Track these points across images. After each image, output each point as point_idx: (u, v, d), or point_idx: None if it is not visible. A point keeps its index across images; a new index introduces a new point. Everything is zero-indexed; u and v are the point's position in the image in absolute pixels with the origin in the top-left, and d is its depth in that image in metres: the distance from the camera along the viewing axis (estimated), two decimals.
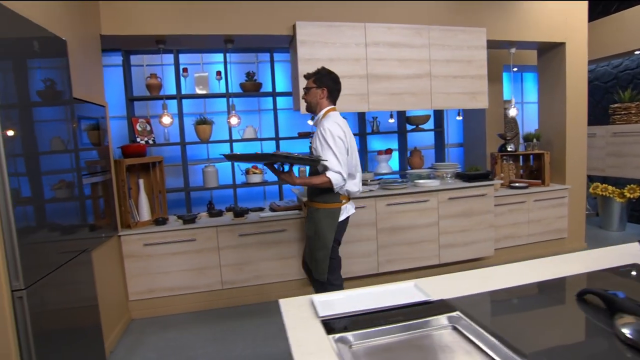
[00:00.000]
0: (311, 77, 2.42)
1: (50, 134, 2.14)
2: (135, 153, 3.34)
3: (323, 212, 2.33)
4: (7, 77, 1.77)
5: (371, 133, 4.77)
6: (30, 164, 1.90)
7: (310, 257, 2.39)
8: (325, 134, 2.26)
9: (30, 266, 1.83)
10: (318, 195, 2.35)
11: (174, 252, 3.24)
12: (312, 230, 2.35)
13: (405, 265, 3.62)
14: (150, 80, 4.10)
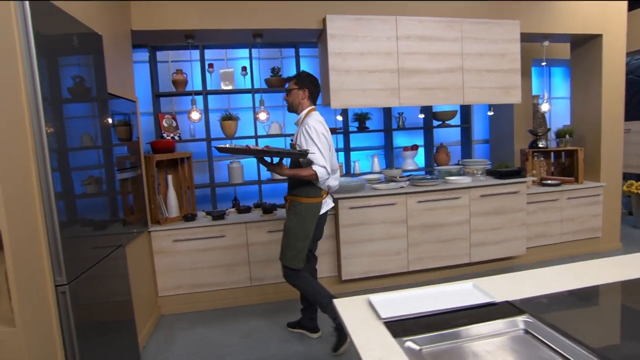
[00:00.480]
0: (292, 79, 2.62)
1: (87, 129, 2.14)
2: (164, 149, 3.33)
3: (306, 205, 2.51)
4: (50, 72, 1.76)
5: (397, 129, 4.69)
6: (69, 159, 1.89)
7: (286, 247, 2.52)
8: (310, 131, 2.42)
9: (72, 261, 1.83)
10: (300, 189, 2.51)
11: (203, 249, 3.22)
12: (294, 222, 2.50)
13: (436, 263, 3.55)
14: (176, 76, 4.09)
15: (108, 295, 2.19)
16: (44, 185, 1.72)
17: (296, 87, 2.59)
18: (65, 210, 1.80)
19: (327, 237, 3.39)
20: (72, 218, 1.86)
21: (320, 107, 4.67)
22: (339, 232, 3.33)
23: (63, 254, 1.76)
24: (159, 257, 3.17)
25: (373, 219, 3.36)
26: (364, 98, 3.41)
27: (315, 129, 2.44)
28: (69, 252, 1.80)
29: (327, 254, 3.40)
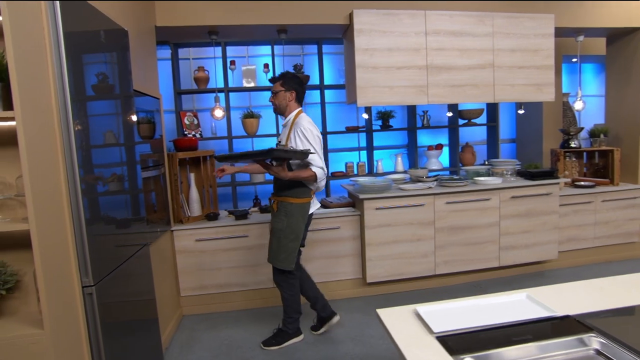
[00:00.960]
0: (278, 80, 2.57)
1: (112, 126, 2.09)
2: (187, 147, 3.29)
3: (296, 206, 2.51)
4: (78, 69, 1.71)
5: (421, 127, 4.57)
6: (94, 157, 1.85)
7: (277, 249, 2.51)
8: (307, 133, 2.44)
9: (98, 262, 1.79)
10: (290, 190, 2.51)
11: (225, 249, 3.17)
12: (284, 223, 2.50)
13: (464, 267, 3.43)
14: (198, 74, 4.05)
15: (132, 295, 2.15)
16: (71, 184, 1.67)
17: (283, 88, 2.55)
18: (91, 209, 1.76)
19: (351, 239, 3.31)
20: (98, 217, 1.82)
21: (344, 104, 4.61)
22: (364, 234, 3.24)
23: (90, 255, 1.72)
24: (181, 256, 3.13)
25: (399, 220, 3.26)
26: (392, 96, 3.31)
27: (311, 131, 2.46)
28: (95, 252, 1.75)
29: (351, 256, 3.32)
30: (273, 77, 2.66)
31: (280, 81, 2.58)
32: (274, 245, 2.55)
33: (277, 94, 2.58)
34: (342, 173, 4.39)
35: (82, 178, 1.69)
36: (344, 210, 3.32)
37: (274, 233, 2.54)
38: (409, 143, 4.78)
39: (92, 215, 1.76)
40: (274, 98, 2.60)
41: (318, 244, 3.25)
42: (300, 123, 2.49)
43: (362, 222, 3.25)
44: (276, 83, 2.59)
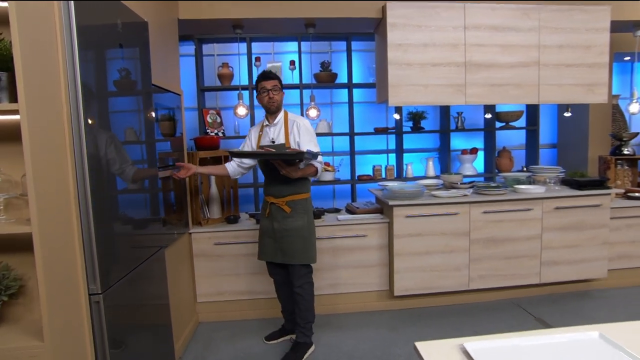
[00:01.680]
0: (276, 78, 2.56)
1: (129, 123, 1.99)
2: (208, 145, 3.18)
3: (308, 200, 2.58)
4: (91, 62, 1.61)
5: (455, 130, 4.33)
6: (108, 155, 1.74)
7: (304, 247, 2.50)
8: (309, 129, 2.53)
9: (107, 267, 1.67)
10: (302, 185, 2.52)
11: (245, 254, 3.04)
12: (305, 220, 2.51)
13: (500, 282, 3.18)
14: (222, 70, 3.96)
15: (145, 302, 2.04)
16: (80, 183, 1.57)
17: (280, 86, 2.56)
18: (101, 210, 1.64)
19: (378, 248, 3.12)
20: (108, 219, 1.71)
21: (372, 104, 4.42)
22: (392, 243, 3.05)
23: (98, 260, 1.61)
24: (199, 260, 3.03)
25: (431, 230, 3.05)
26: (426, 95, 3.11)
27: (310, 127, 2.56)
28: (104, 257, 1.64)
29: (377, 266, 3.13)
30: (270, 72, 2.58)
31: (277, 80, 2.56)
32: (298, 246, 2.48)
33: (279, 91, 2.55)
34: (369, 177, 4.20)
35: (91, 177, 1.58)
36: (371, 217, 3.14)
37: (296, 233, 2.48)
38: (441, 146, 4.55)
39: (102, 216, 1.65)
40: (277, 94, 2.53)
41: (342, 253, 3.08)
42: (299, 120, 2.54)
43: (391, 230, 3.05)
44: (275, 80, 2.55)
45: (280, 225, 2.51)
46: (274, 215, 2.53)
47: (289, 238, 2.49)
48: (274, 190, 2.54)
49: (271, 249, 2.57)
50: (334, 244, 3.07)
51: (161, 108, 2.54)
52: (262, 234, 2.62)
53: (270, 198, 2.55)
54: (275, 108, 2.53)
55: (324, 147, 4.40)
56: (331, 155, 4.47)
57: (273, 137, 2.55)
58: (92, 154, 1.60)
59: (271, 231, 2.56)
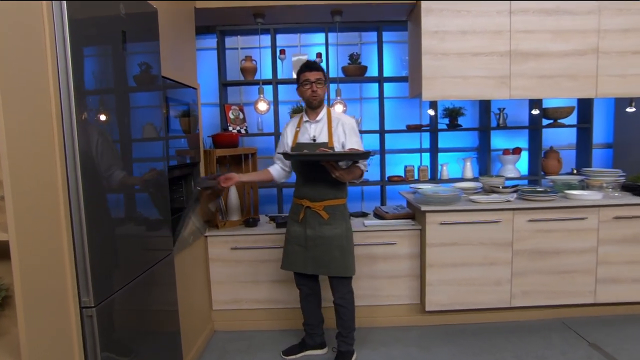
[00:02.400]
0: (320, 69, 2.35)
1: (133, 119, 1.84)
2: (227, 143, 3.02)
3: (346, 206, 2.40)
4: (83, 46, 1.45)
5: (496, 128, 3.98)
6: (107, 152, 1.58)
7: (343, 257, 2.30)
8: (355, 130, 2.36)
9: (104, 276, 1.52)
10: (341, 190, 2.35)
11: (264, 260, 2.86)
12: (343, 227, 2.32)
13: (547, 300, 2.85)
14: (245, 64, 3.80)
15: (148, 311, 1.89)
16: (72, 182, 1.42)
17: (324, 79, 2.35)
18: (96, 212, 1.49)
19: (408, 257, 2.86)
20: (106, 223, 1.55)
21: (405, 100, 4.14)
22: (424, 252, 2.78)
23: (92, 268, 1.45)
24: (215, 265, 2.87)
25: (469, 239, 2.76)
26: (465, 88, 2.82)
27: (356, 127, 2.39)
28: (99, 265, 1.49)
29: (407, 277, 2.87)
30: (314, 62, 2.41)
31: (322, 71, 2.36)
32: (336, 254, 2.29)
33: (323, 84, 2.34)
34: (401, 178, 3.93)
35: (85, 175, 1.43)
36: (401, 223, 2.88)
37: (333, 242, 2.29)
38: (480, 145, 4.21)
39: (98, 220, 1.49)
40: (321, 87, 2.32)
41: (369, 261, 2.84)
42: (345, 118, 2.37)
43: (423, 238, 2.79)
44: (320, 72, 2.34)
45: (315, 232, 2.30)
46: (308, 221, 2.31)
47: (325, 247, 2.29)
48: (311, 192, 2.31)
49: (300, 258, 2.37)
50: (359, 251, 2.83)
51: (175, 103, 2.39)
52: (290, 240, 2.41)
53: (305, 201, 2.33)
54: (318, 103, 2.35)
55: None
56: None
57: (314, 134, 2.35)
58: (85, 150, 1.44)
59: (302, 239, 2.35)
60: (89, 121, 1.47)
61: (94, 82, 1.52)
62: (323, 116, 2.36)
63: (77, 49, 1.40)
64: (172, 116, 2.34)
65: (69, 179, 1.42)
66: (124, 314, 1.66)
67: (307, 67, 2.33)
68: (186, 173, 2.70)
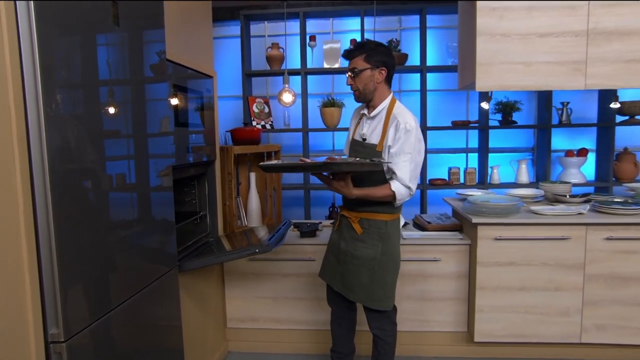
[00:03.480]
0: (358, 54, 1.87)
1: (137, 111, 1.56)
2: (246, 139, 2.72)
3: (392, 224, 1.95)
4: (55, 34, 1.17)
5: (558, 125, 3.48)
6: (78, 147, 1.30)
7: (371, 284, 1.93)
8: (411, 135, 1.82)
9: (79, 303, 1.25)
10: (385, 203, 1.90)
11: (285, 273, 2.55)
12: (378, 250, 1.91)
13: (627, 338, 2.36)
14: (272, 52, 3.49)
15: (142, 337, 1.60)
16: (38, 191, 1.15)
17: (368, 65, 1.85)
18: (71, 225, 1.22)
19: (455, 277, 2.46)
20: (84, 237, 1.27)
21: (449, 93, 3.70)
22: (474, 272, 2.37)
23: (62, 295, 1.18)
24: (230, 278, 2.58)
25: (529, 258, 2.33)
26: (528, 76, 2.38)
27: (417, 134, 1.84)
28: (75, 286, 1.23)
29: (452, 300, 2.47)
30: (349, 49, 1.94)
31: (363, 54, 1.86)
32: (363, 280, 1.93)
33: (360, 74, 1.87)
34: (444, 181, 3.51)
35: (54, 181, 1.16)
36: (447, 236, 2.48)
37: (363, 263, 1.93)
38: (537, 145, 3.71)
39: (71, 231, 1.22)
40: (356, 79, 1.88)
41: (407, 279, 2.46)
42: (403, 117, 1.84)
43: (474, 255, 2.38)
44: (356, 57, 1.87)
45: (347, 246, 1.97)
46: (343, 232, 2.01)
47: (353, 267, 1.95)
48: (347, 199, 1.97)
49: (333, 270, 2.07)
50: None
51: (185, 93, 2.11)
52: (328, 247, 2.14)
53: (343, 209, 2.03)
54: (361, 99, 1.93)
55: None
56: None
57: (366, 132, 1.96)
58: (58, 149, 1.17)
59: (336, 249, 2.04)
60: (62, 115, 1.19)
61: (69, 67, 1.23)
62: (381, 112, 1.90)
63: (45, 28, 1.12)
64: (180, 108, 2.05)
65: (35, 181, 1.15)
66: (107, 347, 1.38)
67: (345, 56, 1.94)
68: (200, 173, 2.43)
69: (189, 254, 2.13)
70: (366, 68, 1.85)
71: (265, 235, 2.21)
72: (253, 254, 1.91)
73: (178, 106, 2.02)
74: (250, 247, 1.93)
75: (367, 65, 1.85)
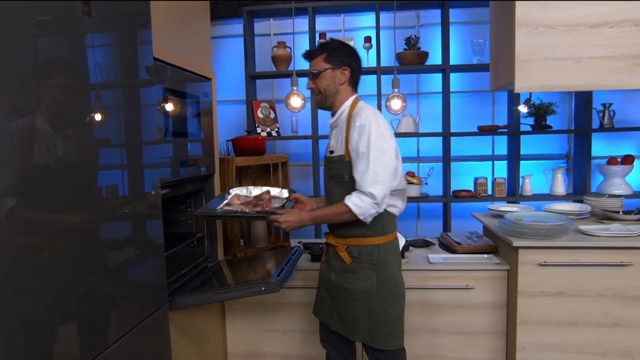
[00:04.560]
0: (319, 54, 1.72)
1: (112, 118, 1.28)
2: (249, 149, 2.43)
3: (386, 248, 1.70)
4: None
5: (599, 129, 3.15)
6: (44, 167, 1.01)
7: (370, 321, 1.68)
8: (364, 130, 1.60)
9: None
10: (377, 224, 1.67)
11: (295, 303, 2.25)
12: (373, 281, 1.67)
13: None
14: (278, 51, 3.21)
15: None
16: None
17: (329, 65, 1.69)
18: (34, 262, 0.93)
19: (490, 308, 2.14)
20: (43, 274, 0.98)
21: (476, 95, 3.39)
22: (514, 303, 2.05)
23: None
24: (232, 307, 2.29)
25: (581, 288, 2.00)
26: (577, 74, 2.06)
27: (377, 129, 1.59)
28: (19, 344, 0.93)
29: (486, 335, 2.16)
30: (309, 50, 1.79)
31: (323, 54, 1.70)
32: (360, 316, 1.69)
33: (320, 75, 1.70)
34: (469, 193, 3.19)
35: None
36: (481, 260, 2.17)
37: (357, 297, 1.69)
38: (573, 152, 3.38)
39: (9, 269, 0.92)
40: (316, 81, 1.72)
41: (435, 310, 2.16)
42: (360, 114, 1.64)
43: (513, 283, 2.06)
44: (317, 58, 1.71)
45: (339, 279, 1.73)
46: (331, 263, 1.77)
47: (348, 302, 1.71)
48: (331, 225, 1.75)
49: (326, 306, 1.82)
50: (422, 296, 2.16)
51: (177, 97, 1.83)
52: (319, 280, 1.88)
53: (328, 236, 1.78)
54: (322, 103, 1.75)
55: (407, 150, 3.48)
56: (415, 162, 3.52)
57: (332, 144, 1.76)
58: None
59: (327, 283, 1.80)
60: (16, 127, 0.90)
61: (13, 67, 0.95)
62: (341, 115, 1.72)
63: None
64: (172, 115, 1.78)
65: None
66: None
67: (304, 57, 1.77)
68: (197, 189, 2.15)
69: (184, 284, 1.85)
70: (326, 68, 1.69)
71: (272, 266, 1.92)
72: (258, 293, 1.62)
73: (169, 113, 1.75)
74: (255, 284, 1.64)
75: (327, 65, 1.69)
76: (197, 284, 1.85)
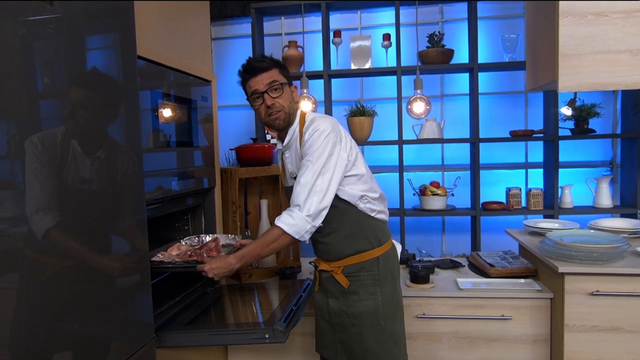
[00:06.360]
0: (274, 65, 1.54)
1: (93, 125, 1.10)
2: (255, 159, 2.24)
3: (386, 258, 1.57)
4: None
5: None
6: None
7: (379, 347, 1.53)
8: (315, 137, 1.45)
9: None
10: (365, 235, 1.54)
11: (305, 332, 2.03)
12: (378, 300, 1.53)
13: None
14: (289, 51, 3.02)
15: None
16: None
17: (285, 80, 1.55)
18: None
19: (531, 342, 1.89)
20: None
21: (506, 97, 3.11)
22: (560, 337, 1.79)
23: None
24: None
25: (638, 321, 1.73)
26: (634, 70, 1.80)
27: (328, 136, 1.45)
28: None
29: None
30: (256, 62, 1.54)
31: (277, 67, 1.54)
32: (369, 343, 1.53)
33: (282, 91, 1.52)
34: (501, 205, 2.92)
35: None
36: (519, 287, 1.92)
37: (364, 321, 1.53)
38: (619, 159, 3.09)
39: None
40: (279, 98, 1.51)
41: (466, 343, 1.91)
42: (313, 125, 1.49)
43: (559, 314, 1.80)
44: (272, 70, 1.52)
45: (339, 304, 1.58)
46: (327, 289, 1.62)
47: (353, 329, 1.55)
48: (321, 247, 1.60)
49: (329, 339, 1.65)
50: (451, 327, 1.92)
51: (171, 101, 1.66)
52: (315, 312, 1.72)
53: (318, 262, 1.64)
54: (285, 122, 1.55)
55: (430, 158, 3.25)
56: (440, 171, 3.27)
57: (293, 169, 1.62)
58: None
59: (325, 312, 1.63)
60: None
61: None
62: (294, 136, 1.57)
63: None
64: (162, 121, 1.59)
65: None
66: None
67: (247, 71, 1.54)
68: (194, 204, 1.97)
69: (177, 313, 1.65)
70: (285, 83, 1.54)
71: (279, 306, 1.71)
72: (260, 341, 1.41)
73: (159, 119, 1.57)
74: (258, 329, 1.44)
75: (284, 80, 1.54)
76: (193, 315, 1.65)
